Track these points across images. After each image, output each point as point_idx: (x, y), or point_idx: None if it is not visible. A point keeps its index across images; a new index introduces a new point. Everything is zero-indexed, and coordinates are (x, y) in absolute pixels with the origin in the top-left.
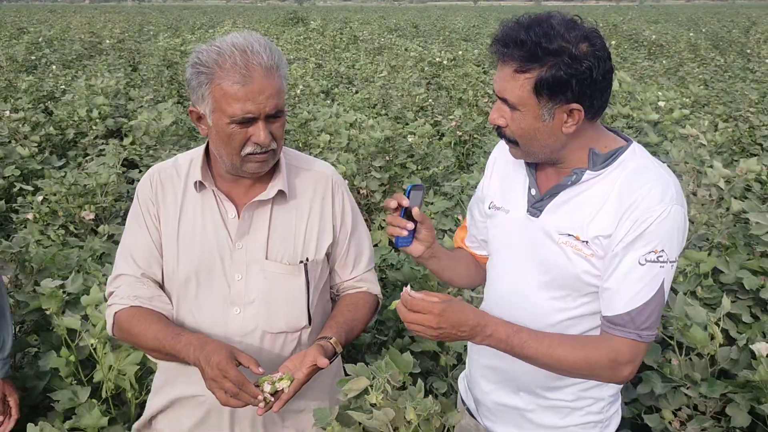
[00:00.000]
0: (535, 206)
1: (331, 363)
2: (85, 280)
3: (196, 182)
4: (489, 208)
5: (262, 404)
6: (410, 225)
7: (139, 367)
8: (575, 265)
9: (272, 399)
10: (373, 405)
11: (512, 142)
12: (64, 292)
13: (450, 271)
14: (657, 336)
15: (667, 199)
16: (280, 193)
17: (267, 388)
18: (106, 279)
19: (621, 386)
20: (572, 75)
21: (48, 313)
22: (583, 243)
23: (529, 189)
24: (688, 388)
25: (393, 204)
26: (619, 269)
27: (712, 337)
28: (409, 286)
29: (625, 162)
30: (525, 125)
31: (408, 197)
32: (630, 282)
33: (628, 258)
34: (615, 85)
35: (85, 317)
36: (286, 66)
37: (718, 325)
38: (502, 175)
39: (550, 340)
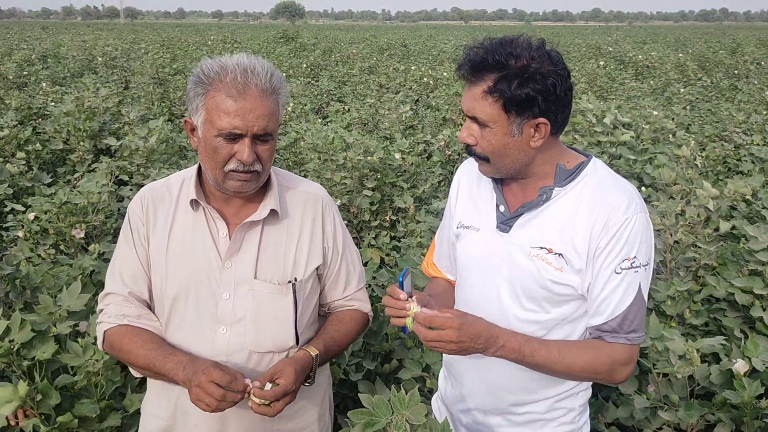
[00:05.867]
0: (505, 222)
1: (312, 373)
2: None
3: (191, 201)
4: (457, 228)
5: (255, 400)
6: (407, 306)
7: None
8: (545, 278)
9: (265, 390)
10: None
11: (483, 159)
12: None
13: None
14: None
15: (632, 208)
16: (272, 212)
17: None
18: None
19: (589, 396)
20: (538, 91)
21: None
22: (554, 255)
23: (498, 206)
24: (666, 410)
25: (403, 296)
26: (598, 281)
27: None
28: (417, 305)
29: (589, 176)
30: (495, 141)
31: (401, 287)
32: (609, 291)
33: (604, 270)
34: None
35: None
36: (286, 93)
37: (698, 350)
38: (468, 195)
39: (558, 347)
